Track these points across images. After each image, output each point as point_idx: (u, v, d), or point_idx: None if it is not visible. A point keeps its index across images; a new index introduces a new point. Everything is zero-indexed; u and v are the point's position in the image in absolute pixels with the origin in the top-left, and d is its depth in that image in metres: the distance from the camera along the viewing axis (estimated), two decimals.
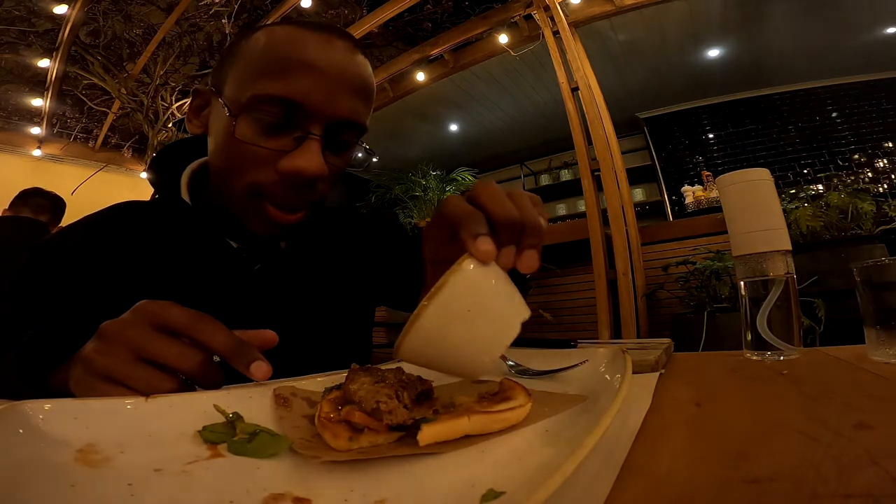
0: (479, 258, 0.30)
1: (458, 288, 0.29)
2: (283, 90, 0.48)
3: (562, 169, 5.69)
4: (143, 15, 3.29)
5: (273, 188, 0.51)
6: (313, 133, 0.49)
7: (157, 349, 0.33)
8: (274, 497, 0.21)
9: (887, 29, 3.71)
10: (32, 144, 4.03)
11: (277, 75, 0.48)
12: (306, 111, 0.48)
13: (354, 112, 0.52)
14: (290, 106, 0.48)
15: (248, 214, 0.53)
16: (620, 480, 0.22)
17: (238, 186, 0.51)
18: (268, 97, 0.48)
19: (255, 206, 0.52)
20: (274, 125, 0.49)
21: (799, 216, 2.09)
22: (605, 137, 2.69)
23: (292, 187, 0.50)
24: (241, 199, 0.52)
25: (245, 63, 0.50)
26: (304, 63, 0.48)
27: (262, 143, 0.49)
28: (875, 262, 0.45)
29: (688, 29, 3.67)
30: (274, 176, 0.50)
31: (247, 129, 0.49)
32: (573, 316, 2.92)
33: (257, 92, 0.48)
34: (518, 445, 0.28)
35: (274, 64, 0.49)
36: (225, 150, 0.51)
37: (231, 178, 0.52)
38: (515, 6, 3.06)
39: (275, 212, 0.52)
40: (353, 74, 0.51)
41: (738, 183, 0.58)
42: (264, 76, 0.48)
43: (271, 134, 0.49)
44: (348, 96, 0.51)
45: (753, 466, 0.22)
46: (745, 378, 0.46)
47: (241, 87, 0.49)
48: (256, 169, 0.50)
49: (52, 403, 0.27)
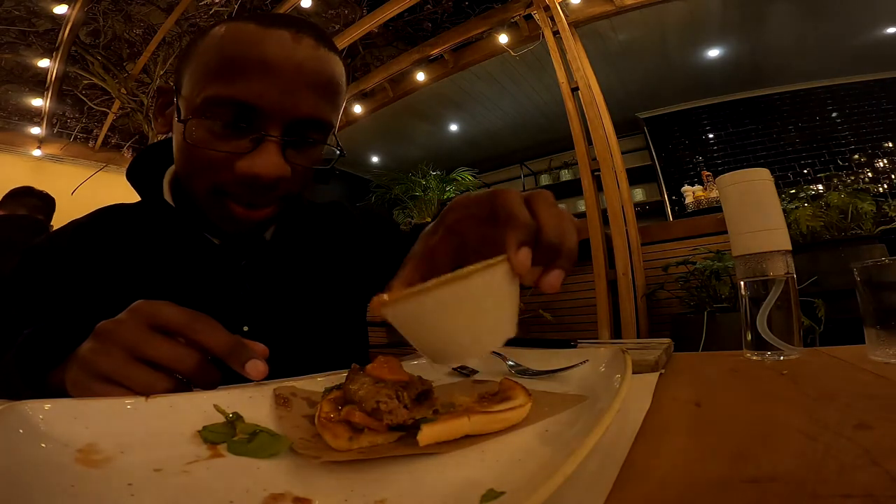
0: (514, 267, 0.30)
1: (483, 283, 0.29)
2: (235, 92, 0.45)
3: (562, 169, 5.69)
4: (143, 15, 3.29)
5: (234, 188, 0.49)
6: (271, 135, 0.47)
7: (153, 349, 0.33)
8: (274, 497, 0.21)
9: (887, 29, 3.71)
10: (32, 144, 4.03)
11: (229, 76, 0.46)
12: (261, 112, 0.46)
13: (316, 109, 0.49)
14: (243, 108, 0.46)
15: (214, 214, 0.52)
16: (620, 480, 0.22)
17: (199, 187, 0.50)
18: (218, 99, 0.46)
19: (220, 205, 0.51)
20: (229, 126, 0.47)
21: (799, 216, 2.09)
22: (605, 137, 2.69)
23: (252, 189, 0.49)
24: (205, 199, 0.51)
25: (199, 63, 0.48)
26: (257, 62, 0.45)
27: (215, 147, 0.47)
28: (875, 262, 0.45)
29: (688, 29, 3.67)
30: (232, 177, 0.48)
31: (201, 132, 0.47)
32: (573, 316, 2.92)
33: (208, 94, 0.46)
34: (518, 445, 0.28)
35: (225, 64, 0.46)
36: (183, 151, 0.50)
37: (192, 180, 0.51)
38: (515, 6, 3.06)
39: (239, 209, 0.51)
40: (313, 70, 0.48)
41: (738, 183, 0.58)
42: (216, 77, 0.46)
43: (227, 136, 0.47)
44: (308, 93, 0.48)
45: (753, 466, 0.22)
46: (745, 378, 0.46)
47: (195, 88, 0.47)
48: (215, 170, 0.48)
49: (51, 403, 0.27)
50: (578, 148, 2.75)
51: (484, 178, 5.53)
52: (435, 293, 0.28)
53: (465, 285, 0.28)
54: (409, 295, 0.29)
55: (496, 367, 0.51)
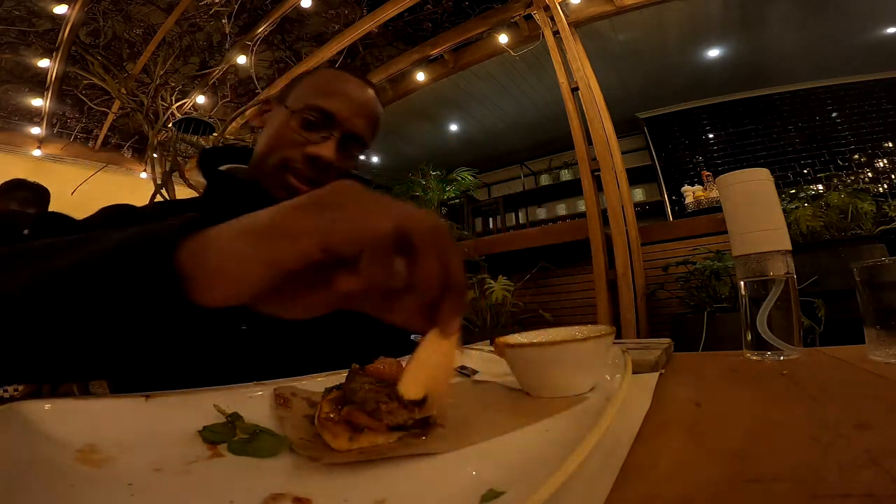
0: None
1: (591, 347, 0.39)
2: (326, 104, 0.72)
3: (562, 169, 5.69)
4: (143, 15, 3.29)
5: (297, 164, 0.71)
6: (334, 134, 0.72)
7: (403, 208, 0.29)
8: (274, 497, 0.21)
9: (887, 29, 3.71)
10: (32, 144, 4.03)
11: (325, 96, 0.73)
12: (335, 120, 0.72)
13: (363, 131, 0.75)
14: (325, 114, 0.72)
15: (273, 181, 0.71)
16: (620, 480, 0.22)
17: (274, 160, 0.71)
18: (315, 106, 0.72)
19: (281, 175, 0.71)
20: (312, 124, 0.71)
21: (799, 216, 2.09)
22: (605, 137, 2.69)
23: (311, 166, 0.71)
24: (273, 169, 0.71)
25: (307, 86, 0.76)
26: (343, 93, 0.74)
27: (302, 133, 0.71)
28: (875, 262, 0.45)
29: (688, 29, 3.67)
30: (300, 156, 0.71)
31: (295, 123, 0.71)
32: (573, 316, 2.92)
33: (310, 102, 0.72)
34: (518, 445, 0.28)
35: (323, 88, 0.74)
36: (276, 135, 0.73)
37: (270, 154, 0.72)
38: (515, 6, 3.06)
39: (294, 181, 0.71)
40: (370, 109, 0.76)
41: (738, 183, 0.58)
42: (316, 95, 0.73)
43: (309, 130, 0.72)
44: (363, 120, 0.75)
45: (753, 466, 0.22)
46: (745, 378, 0.46)
47: (301, 99, 0.73)
48: (291, 149, 0.71)
49: (52, 403, 0.27)
50: (578, 148, 2.75)
51: (484, 178, 5.53)
52: (556, 348, 0.38)
53: (580, 346, 0.38)
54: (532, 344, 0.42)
55: (496, 367, 0.51)
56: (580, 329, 0.46)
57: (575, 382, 0.39)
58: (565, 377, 0.39)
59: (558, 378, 0.39)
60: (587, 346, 0.38)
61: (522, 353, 0.41)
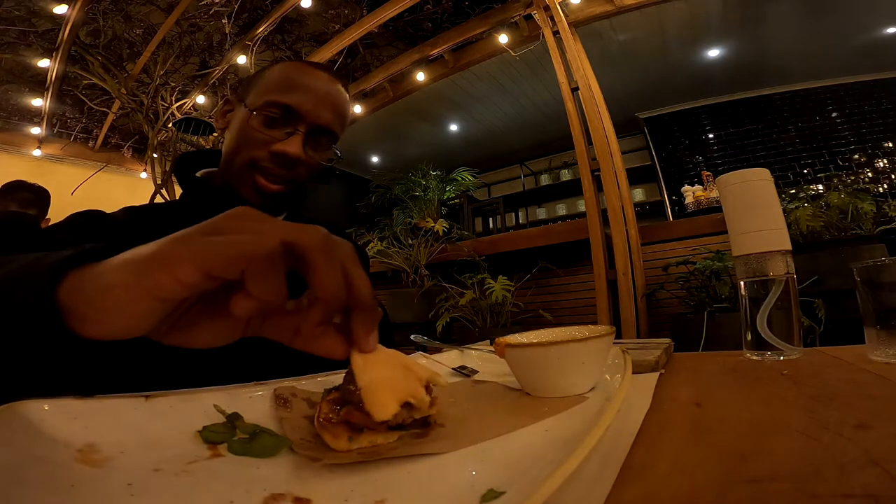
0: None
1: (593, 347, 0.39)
2: (286, 99, 0.69)
3: (562, 169, 5.69)
4: (143, 15, 3.29)
5: (264, 163, 0.69)
6: (299, 129, 0.69)
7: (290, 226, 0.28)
8: (274, 497, 0.21)
9: (887, 29, 3.71)
10: (32, 144, 4.03)
11: (285, 90, 0.70)
12: (297, 114, 0.69)
13: (330, 122, 0.72)
14: (287, 109, 0.69)
15: (243, 182, 0.70)
16: (620, 480, 0.22)
17: (240, 160, 0.70)
18: (275, 102, 0.69)
19: (250, 176, 0.70)
20: (275, 121, 0.69)
21: (799, 216, 2.08)
22: (605, 137, 2.69)
23: (279, 164, 0.69)
24: (240, 170, 0.70)
25: (266, 81, 0.73)
26: (304, 85, 0.71)
27: (264, 132, 0.69)
28: (875, 262, 0.45)
29: (688, 29, 3.66)
30: (266, 154, 0.69)
31: (256, 122, 0.69)
32: (573, 316, 2.92)
33: (269, 98, 0.69)
34: (518, 445, 0.28)
35: (284, 83, 0.71)
36: (239, 135, 0.71)
37: (236, 155, 0.70)
38: (515, 6, 3.06)
39: (263, 181, 0.70)
40: (335, 99, 0.73)
41: (738, 183, 0.58)
42: (276, 90, 0.70)
43: (272, 127, 0.69)
44: (328, 110, 0.72)
45: (753, 466, 0.22)
46: (745, 378, 0.46)
47: (260, 96, 0.71)
48: (257, 148, 0.69)
49: (51, 403, 0.27)
50: (578, 148, 2.75)
51: (484, 178, 5.52)
52: (556, 348, 0.38)
53: (580, 346, 0.38)
54: (533, 345, 0.43)
55: (496, 367, 0.51)
56: (580, 329, 0.46)
57: (575, 382, 0.39)
58: (565, 377, 0.39)
59: (558, 378, 0.39)
60: (587, 346, 0.38)
61: (523, 353, 0.41)
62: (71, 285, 0.27)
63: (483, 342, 0.65)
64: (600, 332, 0.40)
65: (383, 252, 2.89)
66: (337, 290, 0.28)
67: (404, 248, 2.89)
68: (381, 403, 0.27)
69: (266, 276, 0.26)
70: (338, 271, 0.28)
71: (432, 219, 2.98)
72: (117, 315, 0.26)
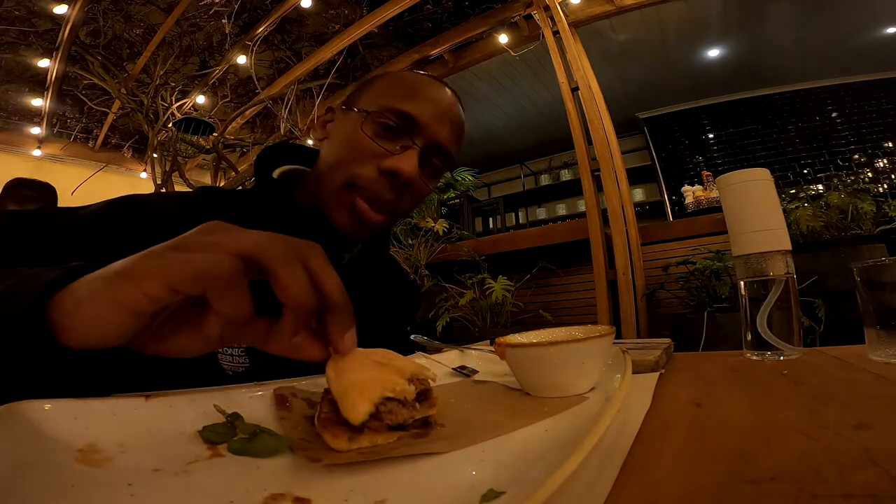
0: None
1: (594, 346, 0.39)
2: (407, 107, 0.59)
3: (562, 169, 5.69)
4: (143, 15, 3.29)
5: (368, 182, 0.59)
6: (416, 143, 0.59)
7: (252, 238, 0.28)
8: (274, 497, 0.21)
9: (887, 29, 3.71)
10: (32, 144, 4.03)
11: (404, 97, 0.60)
12: (417, 125, 0.60)
13: (449, 140, 0.63)
14: (407, 118, 0.59)
15: (338, 205, 0.60)
16: (620, 480, 0.22)
17: (339, 178, 0.60)
18: (394, 109, 0.59)
19: (348, 197, 0.60)
20: (390, 130, 0.59)
21: (799, 216, 2.08)
22: (605, 137, 2.69)
23: (386, 185, 0.59)
24: (337, 190, 0.60)
25: (380, 88, 0.63)
26: (424, 95, 0.62)
27: (377, 141, 0.59)
28: (875, 262, 0.45)
29: (688, 29, 3.67)
30: (373, 173, 0.58)
31: (370, 129, 0.59)
32: (573, 316, 2.92)
33: (387, 105, 0.60)
34: (518, 445, 0.28)
35: (403, 90, 0.62)
36: (345, 144, 0.61)
37: (334, 171, 0.60)
38: (515, 6, 3.06)
39: (363, 205, 0.59)
40: (456, 114, 0.64)
41: (738, 183, 0.58)
42: (394, 96, 0.61)
43: (386, 137, 0.59)
44: (448, 127, 0.62)
45: (753, 466, 0.22)
46: (745, 378, 0.46)
47: (375, 101, 0.61)
48: (361, 164, 0.59)
49: (51, 403, 0.27)
50: (578, 148, 2.75)
51: (484, 178, 5.52)
52: (556, 348, 0.38)
53: (580, 346, 0.38)
54: (533, 345, 0.43)
55: (496, 367, 0.51)
56: (580, 329, 0.46)
57: (575, 382, 0.39)
58: (565, 377, 0.39)
59: (558, 378, 0.39)
60: (587, 346, 0.38)
61: (522, 354, 0.41)
62: (57, 300, 0.28)
63: (483, 342, 0.65)
64: (600, 332, 0.40)
65: None
66: (302, 297, 0.28)
67: (404, 248, 2.89)
68: (353, 407, 0.27)
69: (227, 292, 0.27)
70: (300, 278, 0.28)
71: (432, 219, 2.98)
72: (93, 326, 0.27)
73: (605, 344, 0.40)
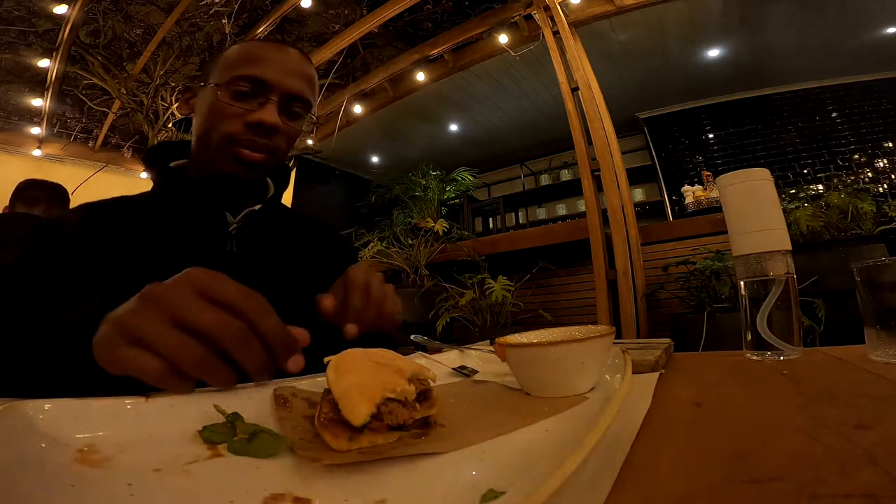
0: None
1: (595, 346, 0.39)
2: (254, 71, 0.68)
3: (562, 169, 5.69)
4: (143, 15, 3.29)
5: (242, 135, 0.68)
6: (272, 98, 0.69)
7: (198, 315, 0.33)
8: (274, 497, 0.21)
9: (887, 29, 3.71)
10: (32, 144, 4.02)
11: (251, 63, 0.69)
12: (268, 84, 0.69)
13: (301, 89, 0.72)
14: (256, 81, 0.68)
15: (222, 156, 0.69)
16: (620, 480, 0.22)
17: (216, 138, 0.69)
18: (242, 76, 0.68)
19: (230, 150, 0.69)
20: (245, 94, 0.68)
21: (799, 216, 2.08)
22: (605, 137, 2.69)
23: (257, 134, 0.68)
24: (219, 147, 0.69)
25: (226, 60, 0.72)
26: (269, 58, 0.70)
27: (236, 104, 0.68)
28: (875, 262, 0.45)
29: (688, 29, 3.67)
30: (242, 127, 0.68)
31: (226, 97, 0.68)
32: (573, 316, 2.92)
33: (235, 73, 0.68)
34: (518, 445, 0.28)
35: (249, 57, 0.70)
36: (209, 114, 0.69)
37: (211, 133, 0.69)
38: (515, 6, 3.06)
39: (244, 151, 0.69)
40: (301, 67, 0.73)
41: (738, 183, 0.58)
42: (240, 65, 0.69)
43: (242, 100, 0.69)
44: (297, 79, 0.71)
45: (753, 466, 0.22)
46: (745, 378, 0.46)
47: (224, 72, 0.70)
48: (231, 123, 0.68)
49: (51, 403, 0.27)
50: (578, 148, 2.75)
51: (484, 178, 5.52)
52: (556, 348, 0.38)
53: (580, 346, 0.38)
54: (533, 345, 0.43)
55: (496, 367, 0.51)
56: (580, 329, 0.46)
57: (575, 382, 0.39)
58: (565, 377, 0.39)
59: (558, 378, 0.39)
60: (587, 346, 0.38)
61: (522, 354, 0.41)
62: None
63: (483, 342, 0.65)
64: (600, 332, 0.40)
65: (383, 252, 2.89)
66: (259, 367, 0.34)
67: (404, 248, 2.89)
68: (354, 408, 0.27)
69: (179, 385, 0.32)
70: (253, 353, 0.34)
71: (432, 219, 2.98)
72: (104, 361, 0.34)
73: (605, 344, 0.40)
